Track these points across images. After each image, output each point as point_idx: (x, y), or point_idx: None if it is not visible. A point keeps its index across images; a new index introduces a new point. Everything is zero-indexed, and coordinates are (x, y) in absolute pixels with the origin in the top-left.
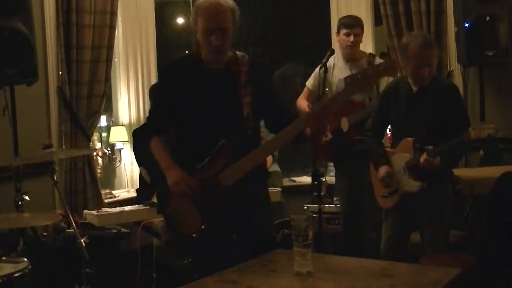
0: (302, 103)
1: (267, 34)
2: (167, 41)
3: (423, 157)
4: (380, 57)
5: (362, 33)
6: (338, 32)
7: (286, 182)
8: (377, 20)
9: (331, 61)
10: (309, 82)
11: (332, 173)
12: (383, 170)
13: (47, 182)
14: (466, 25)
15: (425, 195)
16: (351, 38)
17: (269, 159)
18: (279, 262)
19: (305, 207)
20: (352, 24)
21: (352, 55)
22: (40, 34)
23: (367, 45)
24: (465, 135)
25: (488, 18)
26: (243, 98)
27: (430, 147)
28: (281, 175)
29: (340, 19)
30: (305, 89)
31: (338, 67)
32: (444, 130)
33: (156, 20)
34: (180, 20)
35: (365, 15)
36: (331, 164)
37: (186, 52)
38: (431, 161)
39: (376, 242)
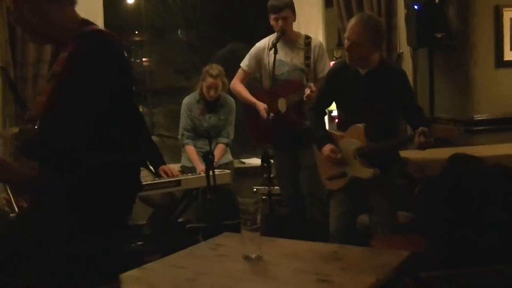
0: (238, 86)
1: (220, 14)
2: (116, 21)
3: (419, 139)
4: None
5: (292, 14)
6: (269, 16)
7: (236, 164)
8: (328, 1)
9: (266, 42)
10: (244, 63)
11: None
12: (327, 148)
13: None
14: (416, 7)
15: (375, 179)
16: (280, 23)
17: (222, 149)
18: (228, 246)
19: (255, 189)
20: (278, 8)
21: (286, 37)
22: None
23: (317, 27)
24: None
25: (437, 0)
26: None
27: (425, 128)
28: (233, 163)
29: (268, 2)
30: (240, 71)
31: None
32: (392, 117)
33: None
34: (130, 0)
35: None
36: None
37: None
38: (428, 142)
39: (322, 222)
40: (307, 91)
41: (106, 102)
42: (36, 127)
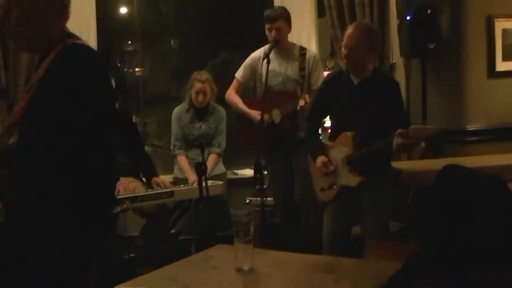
0: (233, 95)
1: (212, 22)
2: (109, 29)
3: (397, 141)
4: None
5: (287, 24)
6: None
7: (228, 175)
8: (321, 11)
9: (261, 52)
10: (239, 74)
11: None
12: (319, 160)
13: None
14: (408, 17)
15: (365, 187)
16: (273, 33)
17: (214, 159)
18: (220, 258)
19: (247, 200)
20: (271, 18)
21: (280, 47)
22: None
23: (310, 36)
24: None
25: (429, 10)
26: None
27: (403, 130)
28: (225, 175)
29: (264, 12)
30: (235, 81)
31: (270, 58)
32: (382, 125)
33: (97, 7)
34: (123, 9)
35: (309, 6)
36: None
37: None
38: (407, 143)
39: (315, 230)
40: (302, 102)
41: (89, 108)
42: (12, 134)
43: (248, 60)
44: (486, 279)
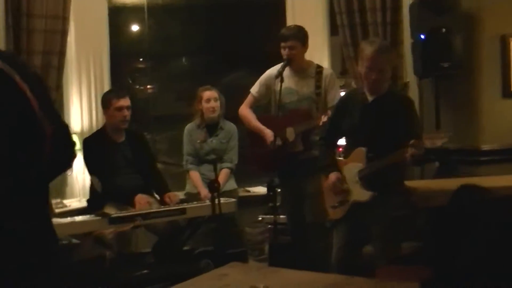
0: (246, 111)
1: (222, 42)
2: (121, 48)
3: (410, 151)
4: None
5: (302, 44)
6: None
7: (240, 192)
8: (333, 30)
9: (276, 69)
10: (254, 89)
11: None
12: (333, 176)
13: None
14: (422, 36)
15: (376, 206)
16: (286, 51)
17: (225, 174)
18: (234, 276)
19: (260, 218)
20: (285, 37)
21: (295, 66)
22: None
23: (322, 55)
24: (421, 143)
25: (443, 30)
26: None
27: (415, 141)
28: (237, 191)
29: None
30: (249, 97)
31: (284, 75)
32: (397, 142)
33: (110, 26)
34: (135, 28)
35: (321, 24)
36: None
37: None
38: (417, 153)
39: (324, 252)
40: (324, 118)
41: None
42: None
43: (263, 77)
44: None
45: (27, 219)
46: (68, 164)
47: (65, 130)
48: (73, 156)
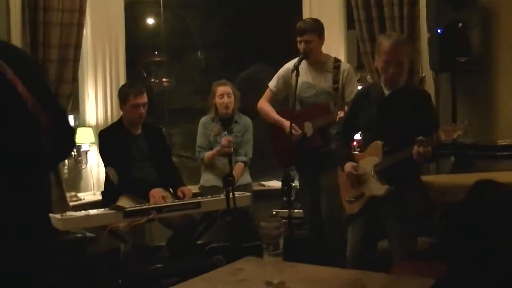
0: (264, 105)
1: (238, 36)
2: (136, 41)
3: (416, 149)
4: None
5: (319, 37)
6: None
7: (255, 186)
8: (350, 24)
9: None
10: (272, 84)
11: None
12: (349, 164)
13: None
14: (439, 31)
15: (392, 201)
16: (302, 45)
17: (240, 168)
18: (249, 271)
19: (274, 212)
20: (301, 30)
21: (312, 59)
22: (5, 32)
23: (339, 49)
24: (435, 137)
25: (460, 24)
26: None
27: (422, 137)
28: (252, 185)
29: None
30: (267, 91)
31: (302, 70)
32: (413, 136)
33: (125, 20)
34: (150, 21)
35: (337, 19)
36: None
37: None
38: (425, 151)
39: (339, 244)
40: (341, 113)
41: None
42: None
43: (281, 71)
44: None
45: (21, 213)
46: (68, 154)
47: (65, 119)
48: (73, 145)
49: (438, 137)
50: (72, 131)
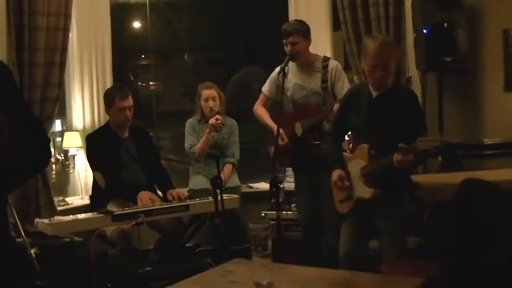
0: (260, 110)
1: (225, 38)
2: (123, 45)
3: (396, 157)
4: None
5: (304, 39)
6: None
7: (243, 188)
8: (336, 25)
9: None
10: (265, 88)
11: (290, 179)
12: (335, 173)
13: None
14: (425, 31)
15: (382, 201)
16: (288, 47)
17: (229, 170)
18: (238, 273)
19: (263, 214)
20: (287, 33)
21: (301, 61)
22: None
23: (325, 50)
24: (413, 146)
25: (446, 24)
26: None
27: (403, 145)
28: (240, 188)
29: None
30: (261, 95)
31: (292, 71)
32: (401, 138)
33: (112, 23)
34: (137, 24)
35: (324, 20)
36: (289, 170)
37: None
38: (405, 159)
39: (336, 249)
40: (335, 107)
41: None
42: None
43: (272, 74)
44: None
45: None
46: (44, 163)
47: (39, 128)
48: (49, 154)
49: (415, 147)
50: (47, 140)
